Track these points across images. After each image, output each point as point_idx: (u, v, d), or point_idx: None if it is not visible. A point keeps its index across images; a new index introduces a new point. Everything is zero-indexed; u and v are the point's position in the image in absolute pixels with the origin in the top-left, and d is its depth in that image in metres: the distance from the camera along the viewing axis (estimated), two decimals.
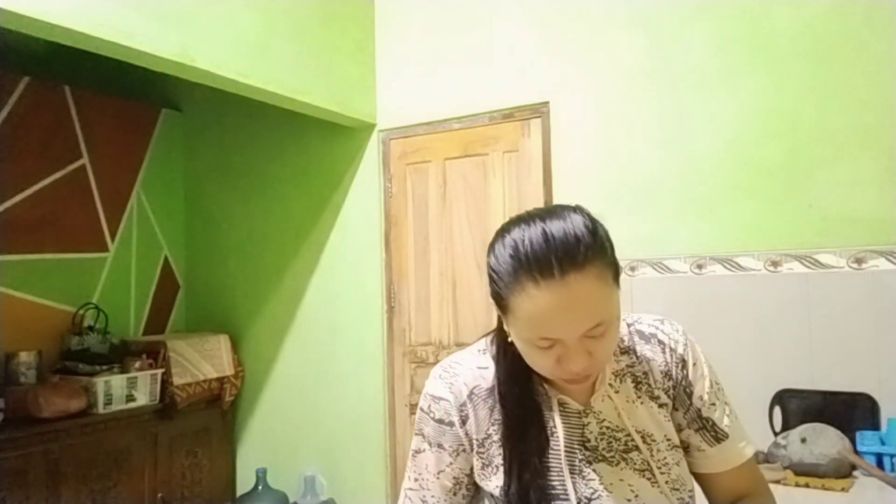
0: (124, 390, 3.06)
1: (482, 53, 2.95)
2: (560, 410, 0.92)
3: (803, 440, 1.97)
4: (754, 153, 2.38)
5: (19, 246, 3.13)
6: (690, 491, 0.94)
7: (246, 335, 3.65)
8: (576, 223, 0.82)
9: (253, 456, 3.58)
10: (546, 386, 0.94)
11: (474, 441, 0.94)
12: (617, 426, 0.93)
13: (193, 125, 3.93)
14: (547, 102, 2.79)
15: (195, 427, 3.39)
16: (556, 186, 2.74)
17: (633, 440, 0.92)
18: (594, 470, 0.90)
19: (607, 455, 0.91)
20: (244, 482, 3.54)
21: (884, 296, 2.16)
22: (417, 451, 0.97)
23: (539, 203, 2.79)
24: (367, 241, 3.25)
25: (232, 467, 3.62)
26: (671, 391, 0.96)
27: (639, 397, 0.95)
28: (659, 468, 0.91)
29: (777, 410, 2.26)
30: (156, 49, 2.22)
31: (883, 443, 2.02)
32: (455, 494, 0.95)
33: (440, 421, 0.94)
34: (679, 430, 0.96)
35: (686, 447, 0.97)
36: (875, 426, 2.11)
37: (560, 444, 0.91)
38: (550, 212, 0.85)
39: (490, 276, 0.87)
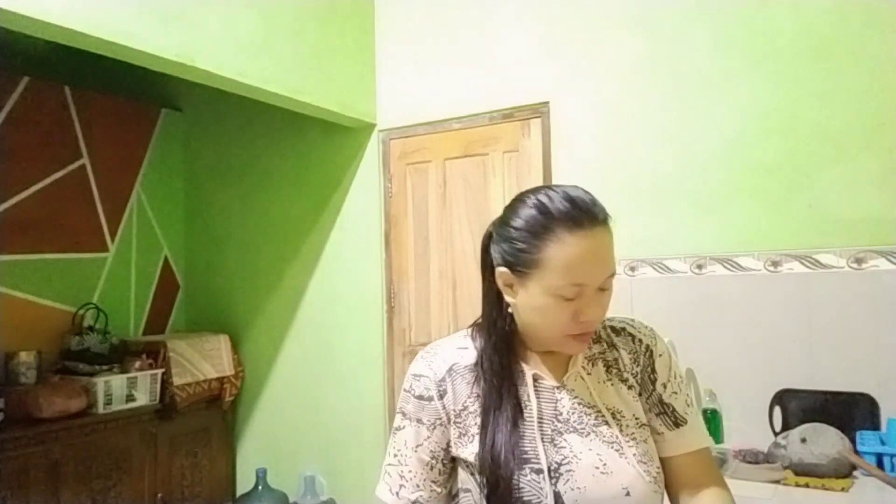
0: (124, 390, 3.06)
1: (482, 53, 2.95)
2: (535, 385, 1.00)
3: (803, 440, 1.97)
4: (754, 153, 2.38)
5: (19, 246, 3.13)
6: (658, 467, 0.99)
7: (246, 335, 3.65)
8: (585, 191, 0.96)
9: (253, 456, 3.58)
10: (523, 364, 1.02)
11: (451, 412, 0.99)
12: (588, 403, 1.00)
13: (193, 125, 3.93)
14: (547, 102, 2.79)
15: (195, 427, 3.40)
16: None
17: (602, 416, 0.98)
18: (565, 440, 0.96)
19: (578, 427, 0.97)
20: (244, 482, 3.54)
21: (884, 296, 2.16)
22: (398, 429, 1.02)
23: None
24: (367, 241, 3.25)
25: (232, 467, 3.63)
26: (638, 376, 1.04)
27: (609, 379, 1.03)
28: (627, 442, 0.97)
29: (777, 410, 2.26)
30: (156, 49, 2.22)
31: (883, 443, 2.02)
32: (432, 469, 1.00)
33: (420, 397, 1.01)
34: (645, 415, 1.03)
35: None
36: (875, 426, 2.11)
37: (533, 415, 0.97)
38: (556, 185, 0.98)
39: (511, 241, 0.95)
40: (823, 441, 1.95)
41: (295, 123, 3.37)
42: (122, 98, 3.66)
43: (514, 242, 0.95)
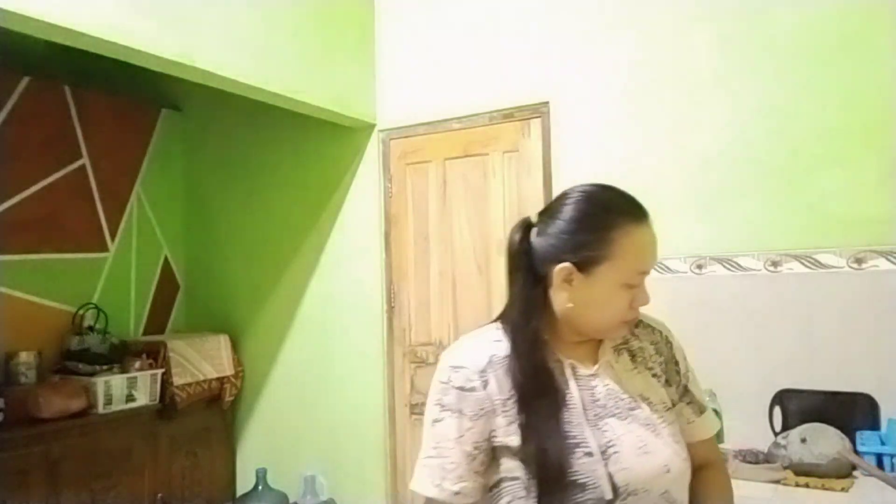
0: (124, 390, 3.06)
1: (482, 53, 2.95)
2: (573, 374, 1.03)
3: (803, 440, 1.97)
4: (754, 153, 2.38)
5: (19, 246, 3.13)
6: (685, 446, 1.06)
7: (246, 335, 3.65)
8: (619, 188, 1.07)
9: (253, 456, 3.58)
10: (558, 354, 1.05)
11: (496, 402, 0.99)
12: (618, 389, 1.04)
13: (193, 125, 3.93)
14: (547, 102, 2.79)
15: (195, 427, 3.39)
16: (556, 186, 2.73)
17: (633, 400, 1.04)
18: (607, 423, 1.00)
19: (616, 411, 1.02)
20: (244, 482, 3.54)
21: (884, 296, 2.16)
22: (436, 421, 1.00)
23: (539, 203, 2.79)
24: (367, 241, 3.25)
25: (232, 467, 3.62)
26: (663, 366, 1.12)
27: (635, 367, 1.09)
28: (661, 423, 1.03)
29: (777, 410, 2.26)
30: (156, 49, 2.22)
31: (883, 443, 2.02)
32: (474, 459, 0.99)
33: (461, 388, 1.00)
34: (673, 404, 1.10)
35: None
36: (875, 426, 2.11)
37: (577, 402, 1.01)
38: (592, 185, 1.07)
39: (572, 237, 1.01)
40: (823, 441, 1.95)
41: (295, 123, 3.37)
42: (122, 98, 3.66)
43: (577, 237, 1.00)
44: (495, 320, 1.10)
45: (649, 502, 0.97)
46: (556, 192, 2.73)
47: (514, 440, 0.97)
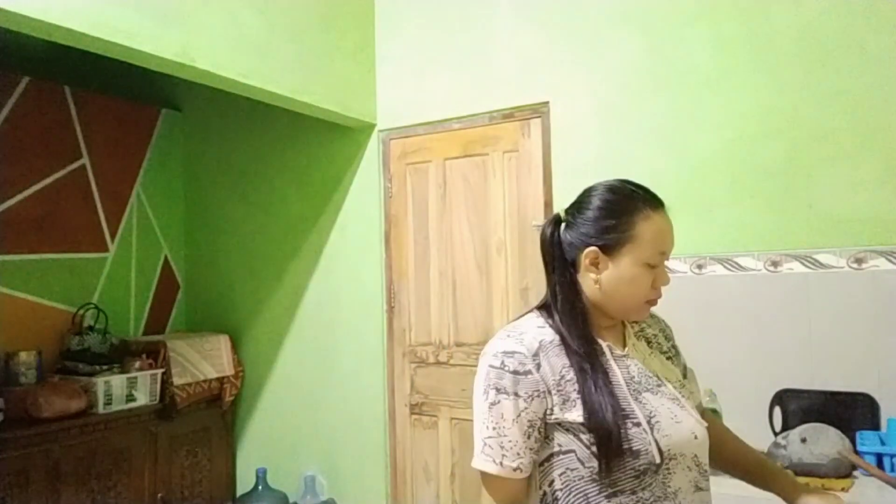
0: (124, 390, 3.06)
1: (482, 53, 2.95)
2: (611, 354, 1.15)
3: (803, 440, 1.96)
4: (754, 153, 2.38)
5: (19, 246, 3.13)
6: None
7: (246, 335, 3.65)
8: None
9: (253, 456, 3.58)
10: (597, 337, 1.15)
11: (550, 383, 1.08)
12: (647, 369, 1.17)
13: (193, 125, 3.93)
14: (547, 102, 2.79)
15: (195, 427, 3.39)
16: (556, 186, 2.74)
17: (658, 378, 1.16)
18: (644, 397, 1.11)
19: (648, 387, 1.13)
20: (244, 482, 3.54)
21: (884, 296, 2.16)
22: (493, 404, 1.08)
23: (539, 203, 2.79)
24: (367, 241, 3.25)
25: (232, 467, 3.62)
26: (672, 350, 1.28)
27: (651, 352, 1.23)
28: (683, 397, 1.16)
29: (777, 410, 2.26)
30: (156, 49, 2.22)
31: (883, 443, 2.02)
32: (529, 437, 1.07)
33: (515, 372, 1.08)
34: (681, 383, 1.24)
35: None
36: (875, 426, 2.11)
37: (619, 379, 1.12)
38: (608, 180, 1.20)
39: (598, 223, 1.13)
40: (823, 441, 1.95)
41: (295, 123, 3.37)
42: (122, 98, 3.66)
43: (602, 223, 1.13)
44: (531, 310, 1.20)
45: (684, 465, 1.09)
46: (556, 192, 2.76)
47: (572, 415, 1.06)
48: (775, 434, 2.18)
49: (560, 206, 2.86)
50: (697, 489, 1.11)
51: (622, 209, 1.13)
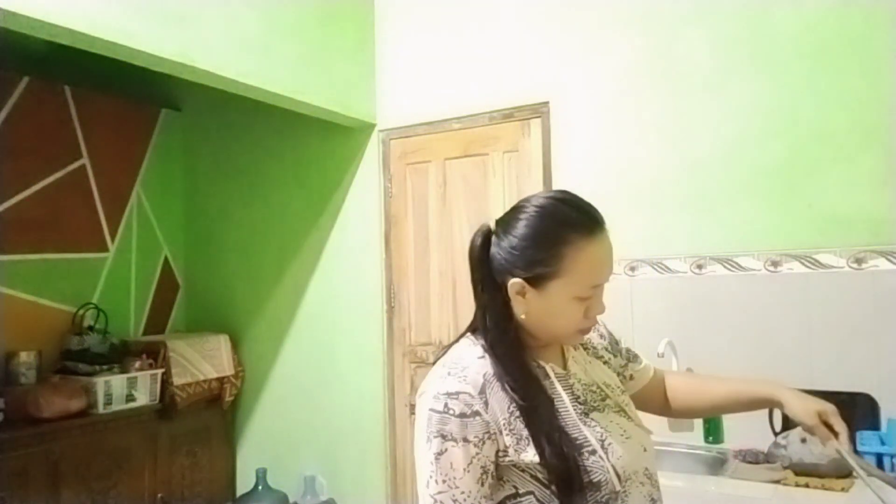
0: (124, 390, 3.06)
1: (482, 53, 2.95)
2: (554, 375, 1.07)
3: (803, 440, 1.96)
4: (754, 153, 2.38)
5: (19, 246, 3.13)
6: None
7: (246, 335, 3.65)
8: (579, 197, 1.06)
9: (253, 456, 3.58)
10: (536, 360, 1.07)
11: (501, 422, 0.98)
12: (588, 382, 1.10)
13: (193, 125, 3.93)
14: (547, 102, 2.79)
15: (195, 427, 3.39)
16: (556, 186, 2.73)
17: (602, 390, 1.10)
18: (592, 418, 1.04)
19: (594, 405, 1.07)
20: (244, 482, 3.54)
21: (884, 296, 2.16)
22: (439, 454, 0.96)
23: None
24: (367, 241, 3.25)
25: (232, 467, 3.62)
26: (609, 348, 1.23)
27: (589, 359, 1.17)
28: (627, 406, 1.12)
29: (777, 410, 2.25)
30: (156, 49, 2.22)
31: (883, 443, 2.02)
32: (483, 485, 0.96)
33: (462, 415, 0.96)
34: (625, 367, 1.25)
35: (632, 377, 1.26)
36: (875, 426, 2.11)
37: (566, 403, 1.04)
38: (552, 193, 1.08)
39: (524, 252, 1.01)
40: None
41: (295, 123, 3.37)
42: (122, 98, 3.66)
43: (528, 253, 1.01)
44: (464, 334, 1.10)
45: (638, 482, 1.03)
46: None
47: (528, 455, 0.96)
48: (775, 434, 2.18)
49: None
50: (652, 501, 1.05)
51: (550, 240, 1.00)
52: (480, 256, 1.06)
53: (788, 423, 2.21)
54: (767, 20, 2.37)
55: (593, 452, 0.99)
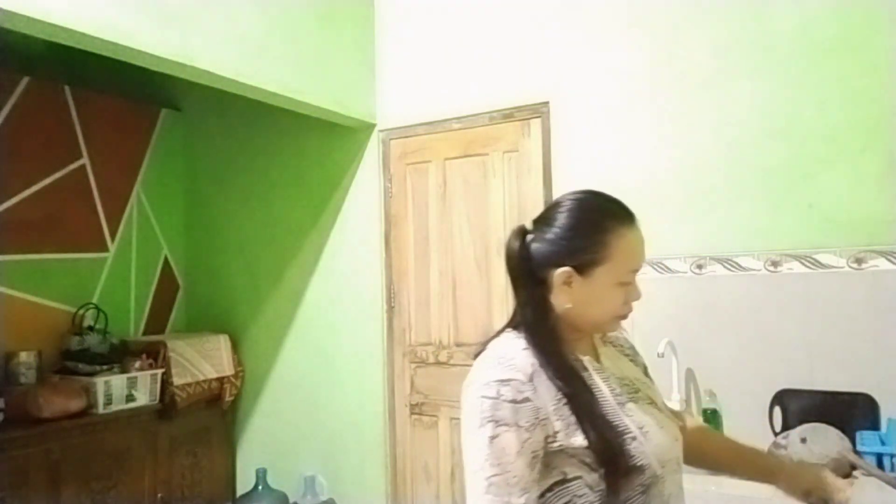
0: (124, 390, 3.06)
1: (482, 53, 2.95)
2: (592, 369, 1.11)
3: (803, 440, 1.97)
4: (754, 153, 2.38)
5: (19, 246, 3.13)
6: None
7: (246, 335, 3.65)
8: (607, 193, 1.15)
9: (253, 456, 3.58)
10: (574, 353, 1.11)
11: (550, 408, 1.02)
12: (620, 376, 1.15)
13: (193, 125, 3.93)
14: (547, 102, 2.79)
15: (195, 427, 3.39)
16: (556, 186, 2.74)
17: (633, 383, 1.15)
18: (629, 408, 1.09)
19: (629, 396, 1.11)
20: (244, 482, 3.54)
21: (884, 296, 2.16)
22: (493, 437, 0.99)
23: (539, 203, 2.79)
24: (367, 242, 3.25)
25: (232, 467, 3.62)
26: (631, 349, 1.29)
27: (619, 356, 1.22)
28: (656, 398, 1.17)
29: (777, 410, 2.26)
30: (156, 49, 2.22)
31: (883, 443, 2.02)
32: (533, 469, 1.00)
33: (513, 401, 1.00)
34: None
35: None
36: (875, 426, 2.11)
37: (606, 394, 1.08)
38: (577, 192, 1.16)
39: (569, 242, 1.08)
40: (823, 441, 1.95)
41: (295, 123, 3.37)
42: (122, 98, 3.66)
43: (574, 243, 1.08)
44: (504, 329, 1.14)
45: (671, 469, 1.08)
46: (556, 192, 2.76)
47: (577, 440, 1.01)
48: (775, 434, 2.18)
49: None
50: (680, 489, 1.11)
51: (594, 228, 1.09)
52: (521, 255, 1.11)
53: (788, 423, 2.21)
54: (767, 20, 2.37)
55: (634, 439, 1.03)
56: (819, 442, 1.94)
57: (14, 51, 3.00)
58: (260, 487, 3.30)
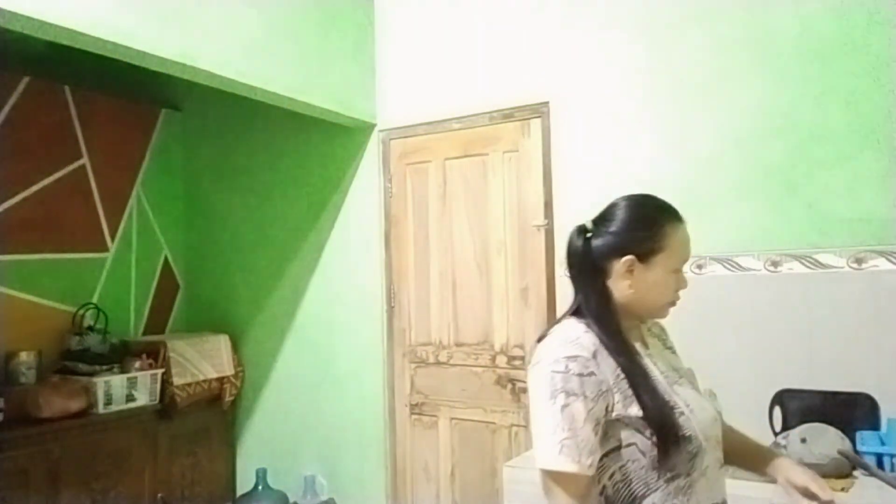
0: (124, 390, 3.06)
1: (482, 53, 2.95)
2: (644, 353, 1.25)
3: (803, 440, 1.96)
4: (754, 153, 2.38)
5: (19, 246, 3.13)
6: None
7: (246, 335, 3.65)
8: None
9: (253, 456, 3.58)
10: (628, 340, 1.24)
11: (611, 381, 1.16)
12: (664, 362, 1.28)
13: (193, 125, 3.93)
14: (547, 102, 2.79)
15: (195, 427, 3.40)
16: (556, 186, 2.74)
17: (676, 371, 1.29)
18: (676, 388, 1.23)
19: (674, 379, 1.25)
20: (244, 482, 3.54)
21: (884, 296, 2.16)
22: (565, 406, 1.13)
23: (539, 203, 2.79)
24: (367, 242, 3.25)
25: (232, 467, 3.62)
26: (671, 345, 1.41)
27: (663, 348, 1.36)
28: (696, 385, 1.32)
29: (777, 410, 2.26)
30: (156, 49, 2.22)
31: (883, 443, 2.02)
32: (596, 434, 1.14)
33: (580, 374, 1.14)
34: None
35: None
36: (875, 426, 2.11)
37: (657, 374, 1.22)
38: (630, 195, 1.33)
39: (632, 234, 1.23)
40: (823, 441, 1.95)
41: (295, 123, 3.37)
42: (122, 98, 3.66)
43: (637, 234, 1.24)
44: (563, 317, 1.27)
45: (711, 445, 1.21)
46: (556, 192, 2.76)
47: (634, 410, 1.15)
48: (775, 434, 2.18)
49: (560, 205, 2.86)
50: (720, 464, 1.25)
51: (654, 221, 1.25)
52: (584, 249, 1.26)
53: (788, 423, 2.21)
54: (767, 20, 2.37)
55: (682, 413, 1.17)
56: (819, 442, 1.94)
57: (14, 51, 3.00)
58: (260, 487, 3.30)
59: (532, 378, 1.20)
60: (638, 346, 1.25)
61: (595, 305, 1.23)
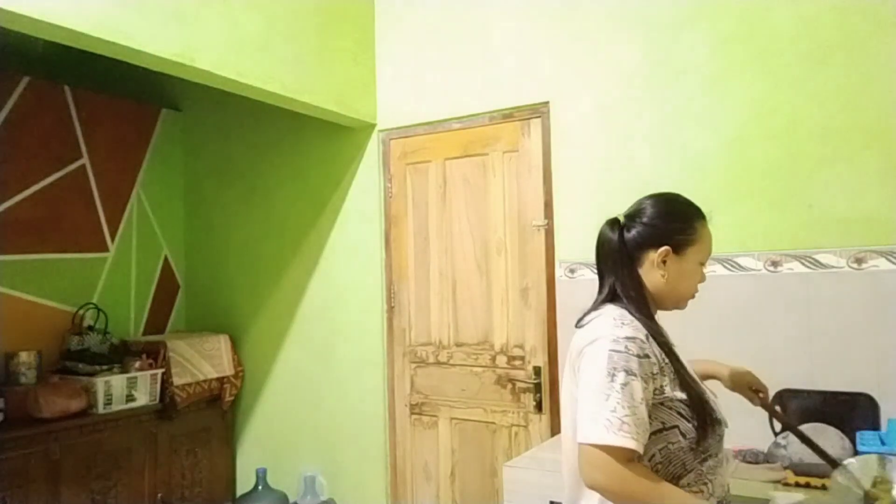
0: (124, 390, 3.06)
1: (482, 53, 2.95)
2: (672, 343, 1.33)
3: None
4: (754, 153, 2.38)
5: (19, 246, 3.13)
6: None
7: (246, 335, 3.65)
8: None
9: (253, 456, 3.58)
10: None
11: (662, 364, 1.24)
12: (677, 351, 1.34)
13: (193, 125, 3.93)
14: (547, 102, 2.79)
15: (195, 427, 3.40)
16: (556, 186, 2.74)
17: (688, 362, 1.35)
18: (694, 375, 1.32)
19: (689, 368, 1.33)
20: (244, 482, 3.54)
21: (884, 296, 2.16)
22: (625, 384, 1.19)
23: (539, 203, 2.79)
24: (366, 242, 3.25)
25: (232, 467, 3.63)
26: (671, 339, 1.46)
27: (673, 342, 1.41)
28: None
29: (777, 410, 2.26)
30: (156, 49, 2.22)
31: (883, 443, 2.02)
32: (647, 415, 1.20)
33: (638, 355, 1.21)
34: None
35: None
36: (875, 426, 2.11)
37: (684, 362, 1.30)
38: (659, 193, 1.44)
39: (667, 227, 1.33)
40: (823, 441, 1.94)
41: (295, 123, 3.37)
42: (122, 98, 3.66)
43: (672, 226, 1.33)
44: (602, 304, 1.33)
45: (725, 430, 1.33)
46: (556, 192, 2.76)
47: (678, 394, 1.24)
48: (775, 434, 2.18)
49: (560, 205, 2.86)
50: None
51: (686, 215, 1.36)
52: (618, 240, 1.34)
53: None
54: (767, 20, 2.37)
55: (711, 399, 1.28)
56: (819, 442, 1.94)
57: (14, 51, 3.00)
58: (260, 487, 3.30)
59: (589, 355, 1.23)
60: (667, 336, 1.34)
61: (633, 294, 1.31)
